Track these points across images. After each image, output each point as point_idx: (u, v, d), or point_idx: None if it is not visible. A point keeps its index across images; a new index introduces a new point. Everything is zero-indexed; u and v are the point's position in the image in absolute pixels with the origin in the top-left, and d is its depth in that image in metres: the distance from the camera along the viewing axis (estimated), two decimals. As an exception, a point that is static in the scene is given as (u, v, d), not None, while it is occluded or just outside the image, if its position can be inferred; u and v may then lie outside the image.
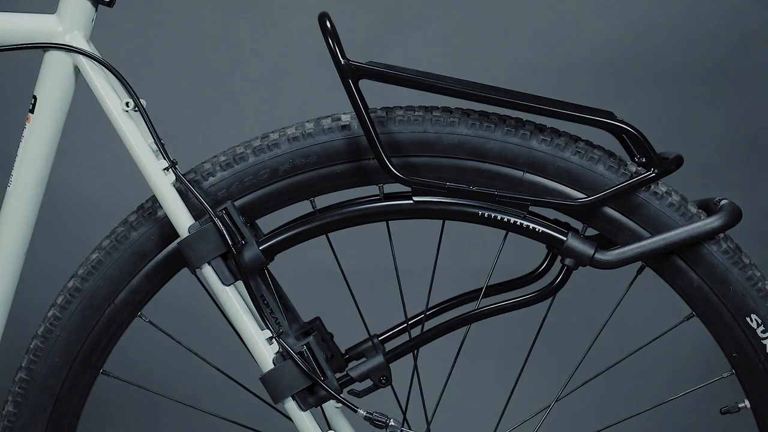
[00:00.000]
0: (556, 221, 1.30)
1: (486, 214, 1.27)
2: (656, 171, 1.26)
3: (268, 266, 1.32)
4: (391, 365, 1.32)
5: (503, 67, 2.34)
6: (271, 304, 1.31)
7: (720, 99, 2.36)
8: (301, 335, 1.34)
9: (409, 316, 1.40)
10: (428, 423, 1.43)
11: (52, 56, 1.29)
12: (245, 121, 2.36)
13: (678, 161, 1.27)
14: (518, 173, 1.29)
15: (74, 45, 1.29)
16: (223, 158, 1.31)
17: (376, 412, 1.31)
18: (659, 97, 2.36)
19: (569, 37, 2.33)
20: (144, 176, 1.29)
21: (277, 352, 1.31)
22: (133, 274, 1.33)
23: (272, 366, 1.30)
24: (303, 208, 1.32)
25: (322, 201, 1.32)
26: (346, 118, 1.30)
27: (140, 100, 1.29)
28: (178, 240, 1.30)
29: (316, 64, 2.30)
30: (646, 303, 2.26)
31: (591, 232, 1.31)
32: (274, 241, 1.30)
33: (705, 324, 1.32)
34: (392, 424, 1.30)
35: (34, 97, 1.30)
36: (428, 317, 1.41)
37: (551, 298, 1.32)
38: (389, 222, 1.32)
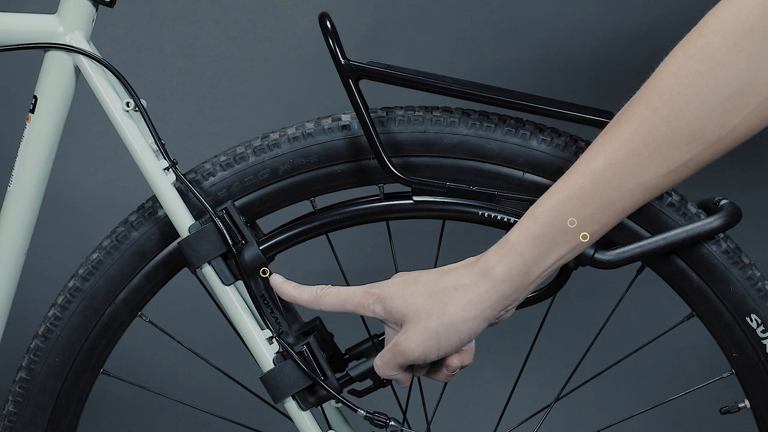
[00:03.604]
0: (556, 221, 1.30)
1: (486, 214, 1.27)
2: (656, 171, 1.26)
3: (268, 266, 1.32)
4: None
5: (503, 67, 2.34)
6: (271, 303, 1.32)
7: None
8: (301, 335, 1.34)
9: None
10: (428, 423, 1.43)
11: (52, 56, 1.29)
12: (245, 121, 2.36)
13: (678, 161, 1.27)
14: (518, 173, 1.29)
15: (75, 45, 1.29)
16: (223, 158, 1.31)
17: (376, 412, 1.31)
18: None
19: (569, 37, 2.33)
20: (144, 176, 1.29)
21: (278, 352, 1.31)
22: (133, 273, 1.33)
23: (272, 366, 1.30)
24: (303, 208, 1.32)
25: (322, 201, 1.32)
26: (346, 118, 1.30)
27: (140, 100, 1.29)
28: (178, 240, 1.30)
29: (316, 64, 2.30)
30: (646, 303, 2.26)
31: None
32: (274, 241, 1.30)
33: (705, 324, 1.32)
34: (392, 424, 1.30)
35: (35, 97, 1.31)
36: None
37: (551, 298, 1.32)
38: (389, 222, 1.32)
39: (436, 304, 1.19)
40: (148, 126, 1.29)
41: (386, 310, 1.22)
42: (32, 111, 1.31)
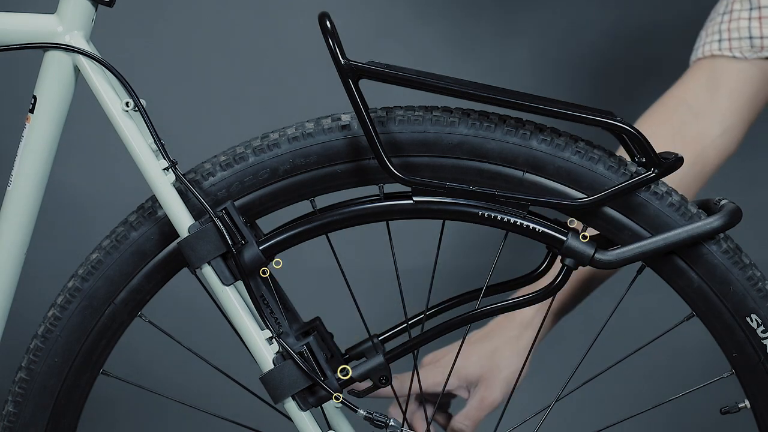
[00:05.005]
0: (557, 221, 1.30)
1: (486, 214, 1.27)
2: (656, 171, 1.26)
3: (268, 266, 1.32)
4: (391, 365, 1.32)
5: (503, 67, 2.34)
6: (271, 303, 1.31)
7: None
8: (301, 335, 1.34)
9: (409, 316, 1.40)
10: (428, 423, 1.43)
11: (52, 56, 1.29)
12: (245, 121, 2.36)
13: (678, 161, 1.27)
14: (518, 173, 1.28)
15: (74, 45, 1.29)
16: (223, 158, 1.31)
17: (376, 412, 1.31)
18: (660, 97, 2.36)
19: (569, 37, 2.33)
20: (144, 176, 1.29)
21: (277, 352, 1.31)
22: (133, 274, 1.33)
23: (272, 366, 1.30)
24: (303, 208, 1.32)
25: (322, 201, 1.32)
26: (346, 118, 1.30)
27: (140, 100, 1.29)
28: (178, 240, 1.30)
29: (316, 64, 2.30)
30: (646, 303, 2.26)
31: (591, 232, 1.31)
32: (274, 241, 1.30)
33: (705, 324, 1.31)
34: (392, 424, 1.30)
35: (34, 97, 1.30)
36: (428, 317, 1.41)
37: (551, 298, 1.31)
38: (389, 222, 1.32)
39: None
40: (147, 126, 1.29)
41: (461, 378, 1.61)
42: (31, 111, 1.31)
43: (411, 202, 1.28)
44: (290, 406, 1.31)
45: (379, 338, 1.41)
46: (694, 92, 1.71)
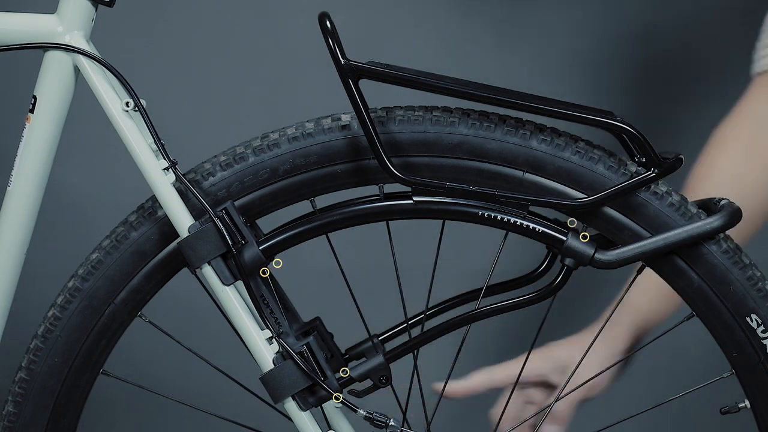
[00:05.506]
0: (557, 221, 1.30)
1: (486, 214, 1.27)
2: (656, 171, 1.26)
3: (268, 266, 1.32)
4: (391, 365, 1.32)
5: (503, 67, 2.34)
6: (271, 303, 1.31)
7: (720, 98, 2.36)
8: (301, 335, 1.34)
9: (409, 316, 1.40)
10: (428, 423, 1.43)
11: (52, 56, 1.29)
12: (245, 121, 2.36)
13: (678, 161, 1.27)
14: (518, 173, 1.28)
15: (74, 45, 1.29)
16: (223, 158, 1.31)
17: (376, 412, 1.31)
18: (660, 97, 2.36)
19: (569, 37, 2.33)
20: (144, 176, 1.29)
21: (277, 352, 1.31)
22: (133, 274, 1.33)
23: (272, 366, 1.30)
24: (303, 208, 1.32)
25: (322, 201, 1.32)
26: (346, 118, 1.30)
27: (140, 99, 1.29)
28: (178, 240, 1.30)
29: (316, 64, 2.30)
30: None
31: (591, 232, 1.31)
32: (274, 240, 1.30)
33: (705, 324, 1.31)
34: (392, 424, 1.30)
35: (34, 97, 1.30)
36: (428, 317, 1.41)
37: (551, 298, 1.31)
38: (389, 222, 1.32)
39: None
40: (147, 126, 1.29)
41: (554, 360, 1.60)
42: (32, 111, 1.31)
43: (411, 202, 1.28)
44: (290, 406, 1.31)
45: (379, 338, 1.41)
46: (764, 105, 1.71)
